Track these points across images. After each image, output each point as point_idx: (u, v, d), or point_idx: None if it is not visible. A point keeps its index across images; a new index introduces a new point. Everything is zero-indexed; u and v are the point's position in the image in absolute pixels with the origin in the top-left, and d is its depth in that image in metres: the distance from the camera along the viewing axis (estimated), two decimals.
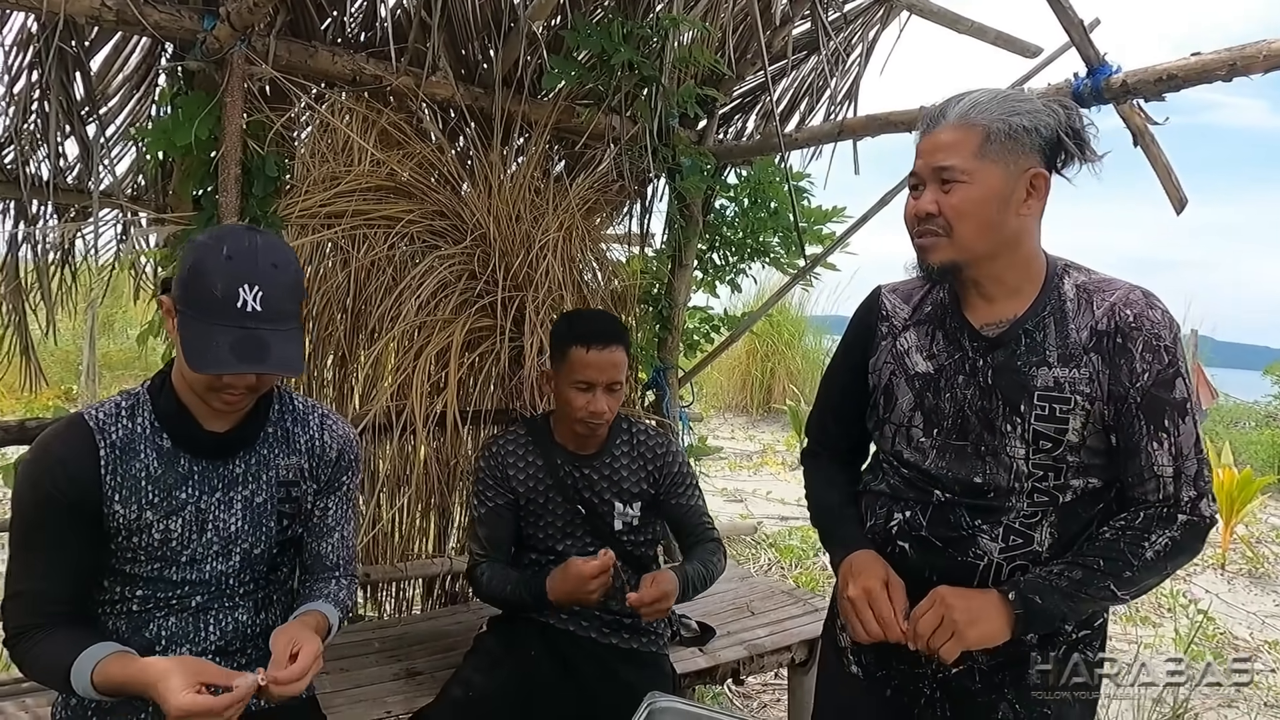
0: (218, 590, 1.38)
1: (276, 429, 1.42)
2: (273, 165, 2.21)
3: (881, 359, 1.37)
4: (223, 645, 1.38)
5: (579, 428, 1.88)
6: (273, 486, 1.39)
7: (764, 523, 5.85)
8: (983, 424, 1.25)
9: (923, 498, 1.30)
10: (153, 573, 1.33)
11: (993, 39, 2.90)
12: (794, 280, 3.20)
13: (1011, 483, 1.23)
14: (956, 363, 1.28)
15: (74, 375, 8.12)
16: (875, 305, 1.42)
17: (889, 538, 1.32)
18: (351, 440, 1.50)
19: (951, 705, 1.31)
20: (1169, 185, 2.26)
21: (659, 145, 2.74)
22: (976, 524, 1.25)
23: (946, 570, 1.26)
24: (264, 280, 1.19)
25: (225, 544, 1.36)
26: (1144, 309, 1.21)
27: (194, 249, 1.23)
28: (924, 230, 1.25)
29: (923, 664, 1.31)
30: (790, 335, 10.65)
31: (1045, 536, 1.23)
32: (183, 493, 1.32)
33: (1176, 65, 1.81)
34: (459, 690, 1.79)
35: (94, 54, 2.33)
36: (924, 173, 1.24)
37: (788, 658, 2.56)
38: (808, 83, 3.08)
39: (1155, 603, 4.77)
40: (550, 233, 2.70)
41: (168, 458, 1.32)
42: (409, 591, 2.84)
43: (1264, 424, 10.41)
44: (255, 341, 1.18)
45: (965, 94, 1.24)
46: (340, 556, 1.50)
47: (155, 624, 1.35)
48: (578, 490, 1.94)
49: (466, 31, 2.51)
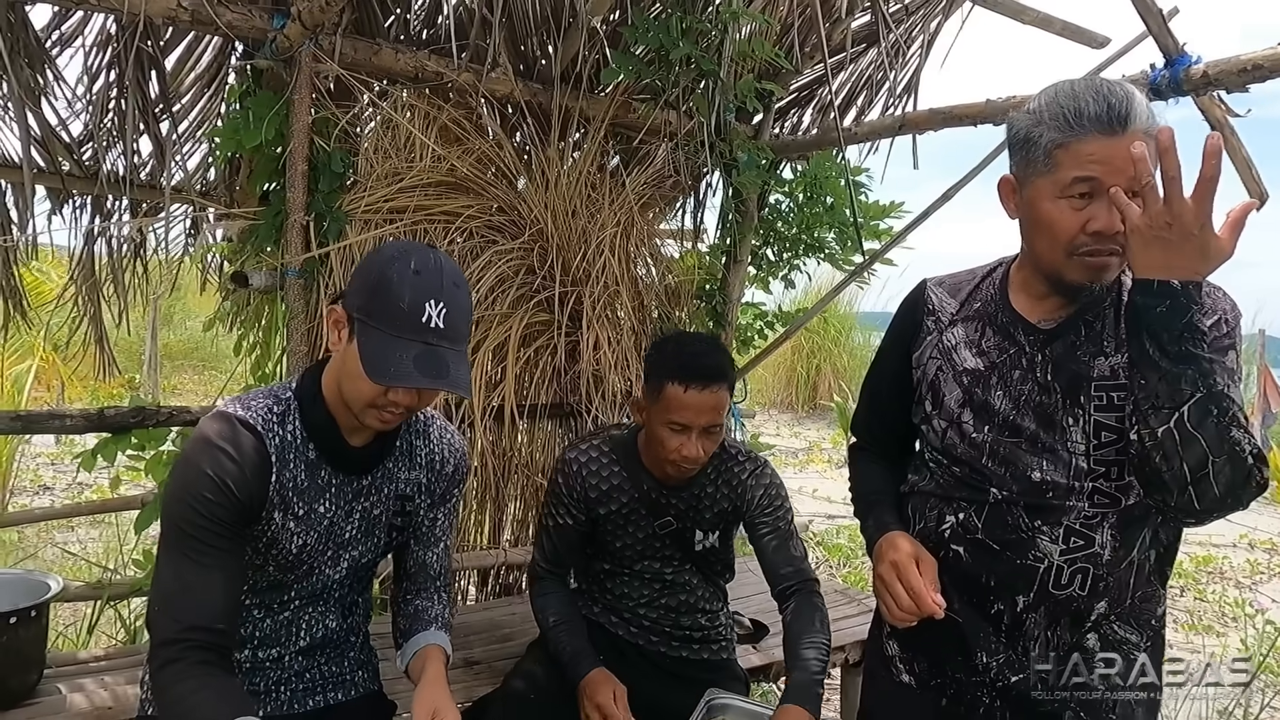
0: (319, 594, 1.38)
1: (403, 442, 1.41)
2: (338, 161, 2.25)
3: (927, 354, 1.34)
4: (308, 648, 1.41)
5: (670, 469, 1.72)
6: (390, 500, 1.39)
7: (812, 521, 5.81)
8: (1040, 419, 1.21)
9: (976, 497, 1.26)
10: (274, 580, 1.33)
11: (1059, 30, 2.82)
12: (852, 275, 3.17)
13: (1071, 481, 1.19)
14: (1012, 358, 1.25)
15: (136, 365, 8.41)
16: (921, 299, 1.38)
17: (942, 541, 1.29)
18: (463, 452, 1.49)
19: (1012, 714, 1.27)
20: (1249, 180, 2.18)
21: (715, 140, 2.73)
22: (1036, 525, 1.21)
23: (1005, 574, 1.23)
24: (448, 298, 1.18)
25: (338, 550, 1.36)
26: (1210, 290, 1.17)
27: (379, 262, 1.21)
28: (1099, 249, 1.12)
29: (980, 670, 1.27)
30: (837, 332, 10.55)
31: (1107, 539, 1.19)
32: (321, 506, 1.31)
33: (1263, 55, 1.75)
34: (521, 683, 1.80)
35: (168, 53, 2.40)
36: (1111, 180, 1.08)
37: (840, 657, 2.53)
38: (866, 75, 3.04)
39: (1219, 611, 4.63)
40: (606, 228, 2.70)
41: (312, 470, 1.29)
42: (464, 582, 2.88)
43: None
44: (437, 358, 1.17)
45: (1128, 91, 1.11)
46: (444, 566, 1.51)
47: (252, 623, 1.36)
48: (664, 515, 1.84)
49: (526, 27, 2.52)
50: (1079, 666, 1.24)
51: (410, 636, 1.45)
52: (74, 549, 3.99)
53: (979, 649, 1.26)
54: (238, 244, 2.50)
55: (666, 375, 1.64)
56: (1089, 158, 1.09)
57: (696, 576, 1.93)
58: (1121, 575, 1.21)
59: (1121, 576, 1.21)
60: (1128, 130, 1.07)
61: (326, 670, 1.44)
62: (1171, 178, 0.99)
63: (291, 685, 1.40)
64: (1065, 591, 1.21)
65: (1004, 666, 1.25)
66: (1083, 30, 2.82)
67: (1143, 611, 1.24)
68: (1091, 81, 1.13)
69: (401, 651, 1.46)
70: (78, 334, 3.01)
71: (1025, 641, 1.24)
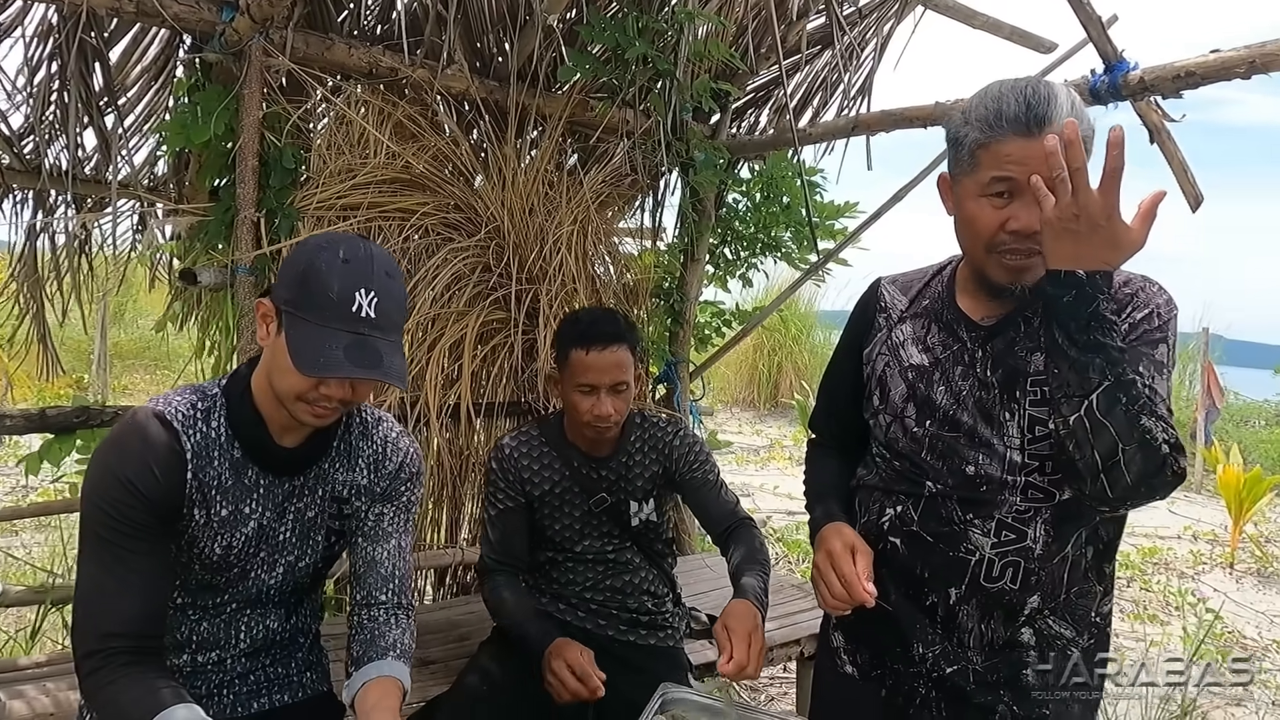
0: (257, 598, 1.35)
1: (341, 444, 1.36)
2: (290, 157, 2.22)
3: (876, 350, 1.36)
4: (251, 650, 1.38)
5: (588, 431, 1.84)
6: (325, 501, 1.35)
7: (771, 517, 5.87)
8: (979, 414, 1.24)
9: (914, 490, 1.28)
10: (202, 581, 1.29)
11: (1008, 34, 2.90)
12: (806, 275, 3.21)
13: (1005, 475, 1.21)
14: (955, 354, 1.27)
15: (85, 364, 8.19)
16: (874, 297, 1.41)
17: (881, 534, 1.31)
18: (414, 455, 1.44)
19: (947, 705, 1.29)
20: (1184, 182, 2.26)
21: (672, 139, 2.75)
22: (968, 518, 1.23)
23: (938, 566, 1.25)
24: (379, 287, 1.16)
25: (272, 554, 1.32)
26: (1144, 285, 1.21)
27: (307, 252, 1.18)
28: (1018, 248, 1.14)
29: (916, 662, 1.30)
30: (798, 330, 10.65)
31: (1039, 533, 1.21)
32: (248, 506, 1.27)
33: (1196, 62, 1.81)
34: (474, 679, 1.80)
35: (113, 45, 2.35)
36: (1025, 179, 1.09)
37: (796, 651, 2.56)
38: (821, 77, 3.09)
39: (1163, 601, 4.77)
40: (564, 226, 2.71)
41: (237, 468, 1.25)
42: (421, 582, 2.87)
43: (1274, 422, 10.38)
44: (369, 348, 1.14)
45: (1052, 91, 1.11)
46: (396, 568, 1.41)
47: (188, 627, 1.32)
48: (597, 490, 1.92)
49: (482, 24, 2.52)
50: (1014, 661, 1.26)
51: (361, 665, 1.34)
52: (18, 553, 3.88)
53: (916, 640, 1.28)
54: (187, 241, 2.46)
55: (570, 343, 1.79)
56: (1007, 158, 1.11)
57: (639, 556, 1.97)
58: (1054, 570, 1.22)
59: (1054, 571, 1.22)
60: (1045, 131, 1.08)
61: (272, 672, 1.41)
62: (1076, 169, 1.02)
63: (235, 688, 1.37)
64: (997, 584, 1.22)
65: (940, 658, 1.27)
66: (1030, 35, 2.90)
67: (1079, 607, 1.25)
68: (1018, 82, 1.14)
69: (349, 683, 1.34)
70: (20, 333, 2.92)
71: (960, 634, 1.26)
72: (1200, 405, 8.14)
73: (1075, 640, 1.26)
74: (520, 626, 1.79)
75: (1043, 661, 1.25)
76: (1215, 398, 8.20)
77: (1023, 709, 1.25)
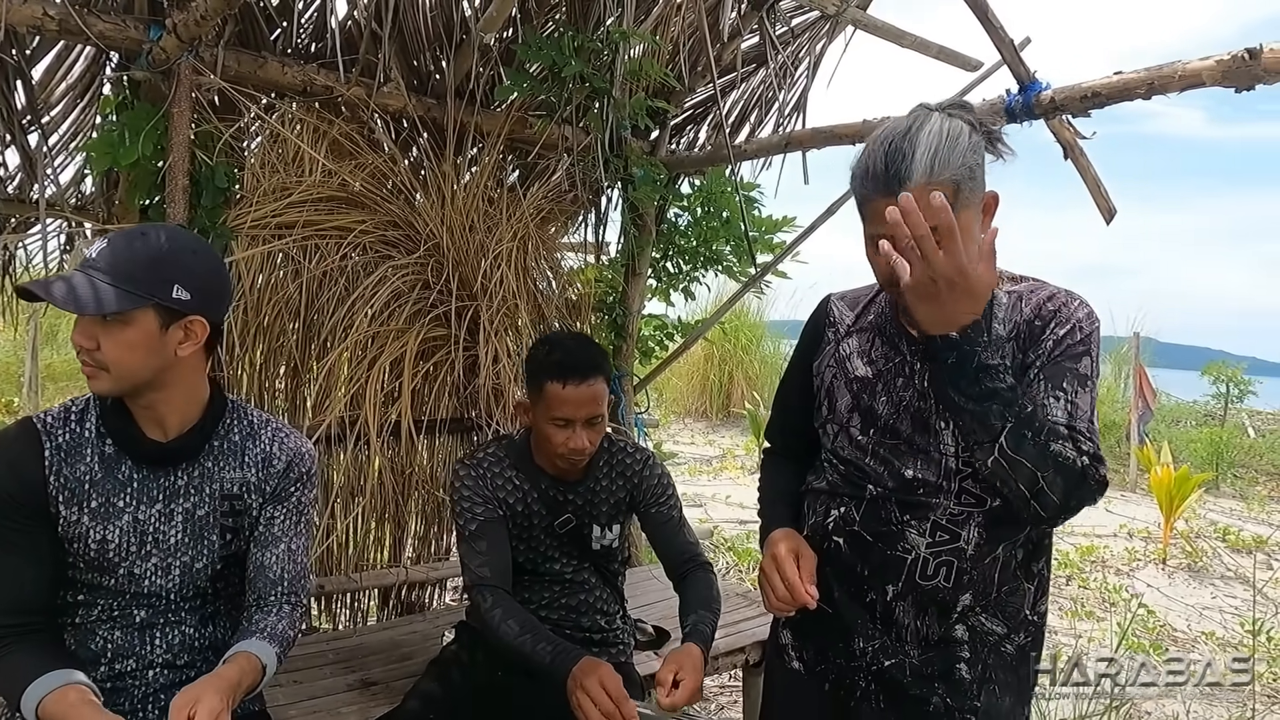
0: (159, 604, 1.36)
1: (224, 442, 1.40)
2: (222, 176, 2.20)
3: (825, 362, 1.42)
4: (170, 659, 1.37)
5: (560, 462, 1.80)
6: (215, 499, 1.38)
7: (722, 527, 5.91)
8: (916, 424, 1.30)
9: (857, 493, 1.34)
10: (91, 581, 1.33)
11: (935, 53, 3.00)
12: (745, 288, 3.27)
13: (940, 480, 1.28)
14: (896, 366, 1.33)
15: (15, 387, 7.90)
16: (825, 312, 1.47)
17: (826, 534, 1.37)
18: (304, 454, 1.46)
19: (886, 697, 1.34)
20: (1098, 197, 2.37)
21: (611, 156, 2.78)
22: (906, 519, 1.29)
23: (877, 564, 1.31)
24: (115, 242, 1.24)
25: (165, 557, 1.34)
26: (1067, 301, 1.27)
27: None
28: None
29: (857, 656, 1.35)
30: (748, 340, 10.77)
31: (972, 535, 1.27)
32: (120, 500, 1.32)
33: (1100, 84, 1.90)
34: (417, 702, 1.78)
35: (35, 63, 2.29)
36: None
37: (742, 659, 2.60)
38: (757, 95, 3.15)
39: (1100, 598, 4.93)
40: (504, 242, 2.72)
41: (109, 463, 1.32)
42: (364, 602, 2.83)
43: (1203, 423, 10.81)
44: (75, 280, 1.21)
45: (914, 146, 1.16)
46: (286, 571, 1.43)
47: (100, 637, 1.34)
48: (563, 513, 1.89)
49: (418, 43, 2.52)
50: (948, 656, 1.31)
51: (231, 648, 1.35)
52: None
53: (857, 635, 1.34)
54: None
55: (545, 375, 1.72)
56: (876, 215, 1.17)
57: (595, 576, 1.97)
58: (985, 570, 1.28)
59: (985, 571, 1.28)
60: (905, 188, 1.13)
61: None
62: (921, 235, 1.08)
63: (158, 701, 1.36)
64: (931, 582, 1.28)
65: (879, 652, 1.33)
66: (957, 54, 3.00)
67: (1010, 605, 1.31)
68: (889, 137, 1.19)
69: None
70: None
71: (897, 629, 1.31)
72: (1134, 407, 8.43)
73: (1008, 637, 1.32)
74: (533, 650, 1.63)
75: (975, 657, 1.30)
76: (1148, 399, 8.51)
77: (956, 701, 1.31)
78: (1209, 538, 6.31)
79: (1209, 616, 4.75)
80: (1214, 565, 5.72)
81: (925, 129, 1.18)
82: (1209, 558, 5.83)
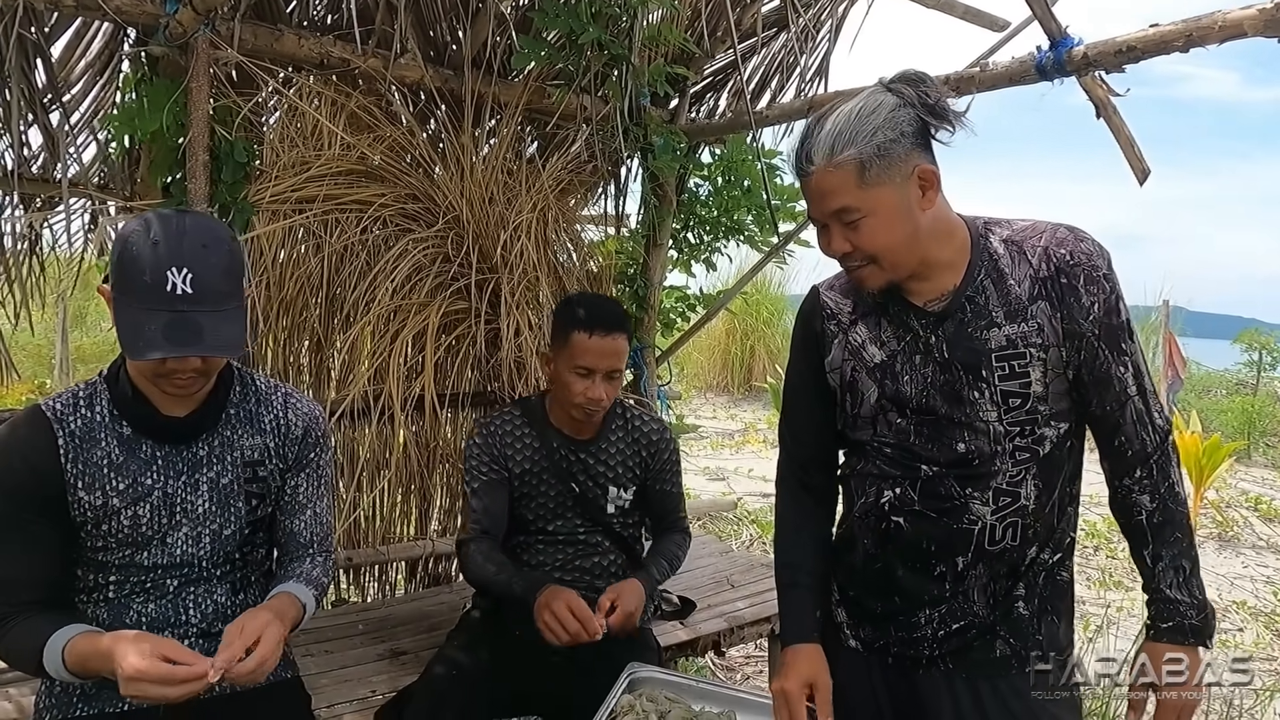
0: (192, 573, 1.39)
1: (239, 410, 1.42)
2: (241, 151, 2.20)
3: (838, 356, 1.38)
4: (204, 627, 1.40)
5: (575, 413, 1.87)
6: (238, 467, 1.40)
7: (746, 499, 5.92)
8: (948, 397, 1.27)
9: (910, 473, 1.32)
10: (124, 559, 1.34)
11: (961, 13, 2.92)
12: (767, 258, 3.23)
13: (993, 447, 1.26)
14: (910, 344, 1.30)
15: (47, 369, 8.03)
16: (815, 307, 1.42)
17: (882, 514, 1.35)
18: (317, 417, 1.50)
19: (953, 658, 1.34)
20: (1131, 156, 2.29)
21: (630, 125, 2.75)
22: (967, 491, 1.28)
23: (944, 539, 1.30)
24: (193, 262, 1.18)
25: (194, 526, 1.37)
26: (1074, 244, 1.25)
27: (121, 237, 1.22)
28: (849, 265, 1.27)
29: (921, 626, 1.35)
30: (770, 314, 10.71)
31: (1030, 490, 1.27)
32: (148, 478, 1.33)
33: (1136, 37, 1.84)
34: (442, 668, 1.81)
35: (55, 40, 2.29)
36: (822, 218, 1.25)
37: (768, 629, 2.60)
38: (778, 60, 3.09)
39: (1128, 568, 4.89)
40: (524, 214, 2.70)
41: (129, 445, 1.32)
42: (392, 574, 2.86)
43: (1234, 392, 10.62)
44: (187, 324, 1.17)
45: (817, 128, 1.21)
46: (314, 534, 1.50)
47: (134, 610, 1.36)
48: (572, 473, 1.95)
49: (434, 12, 2.49)
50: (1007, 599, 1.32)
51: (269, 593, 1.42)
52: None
53: (923, 609, 1.33)
54: None
55: (573, 325, 1.81)
56: (807, 196, 1.27)
57: (609, 539, 2.01)
58: (1046, 517, 1.30)
59: (1046, 519, 1.30)
60: (812, 171, 1.21)
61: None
62: None
63: None
64: (999, 545, 1.29)
65: (945, 617, 1.33)
66: (983, 13, 2.92)
67: (1057, 532, 1.34)
68: (809, 121, 1.25)
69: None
70: None
71: (965, 594, 1.32)
72: (1163, 377, 8.30)
73: (1061, 562, 1.35)
74: (508, 583, 1.80)
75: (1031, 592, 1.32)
76: (1178, 368, 8.36)
77: (1019, 641, 1.33)
78: (1240, 507, 6.23)
79: (1240, 586, 4.69)
80: (1245, 534, 5.65)
81: (843, 107, 1.21)
82: (1240, 527, 5.76)
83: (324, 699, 1.91)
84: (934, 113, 1.21)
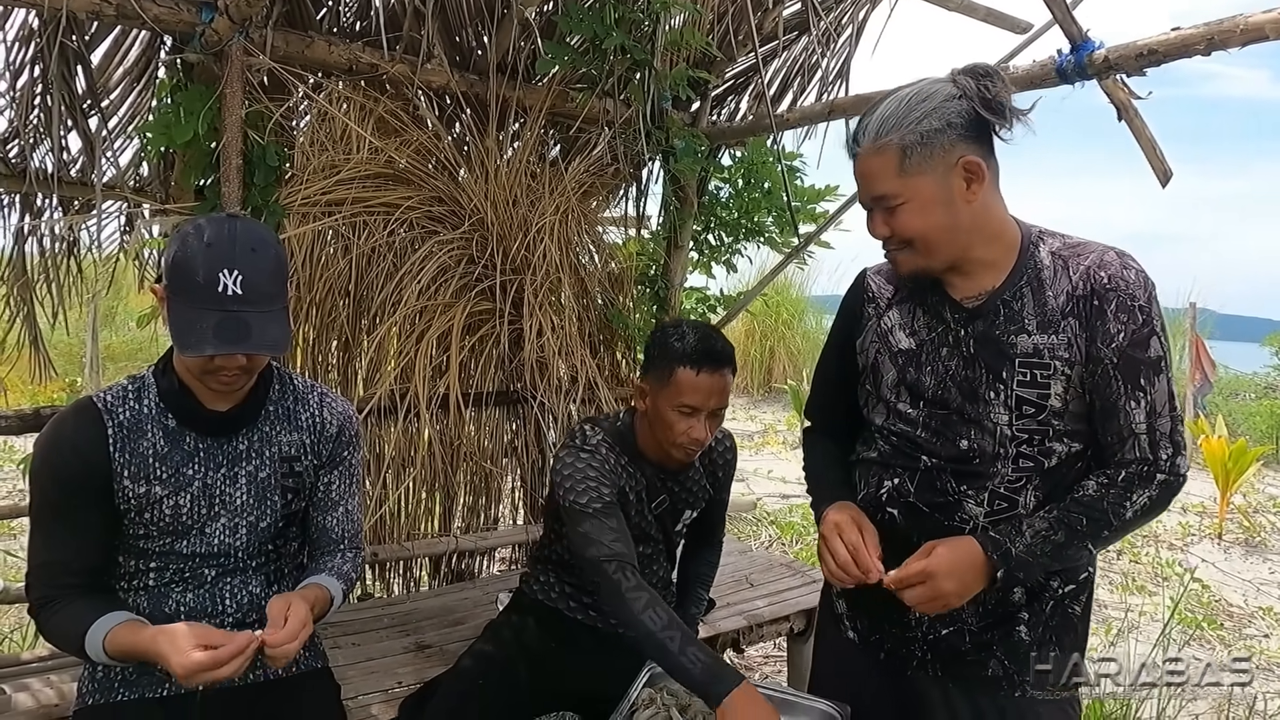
0: (229, 563, 1.44)
1: (278, 407, 1.48)
2: (273, 155, 2.25)
3: (868, 339, 1.41)
4: (239, 617, 1.45)
5: (676, 453, 1.73)
6: (275, 462, 1.46)
7: (765, 501, 5.92)
8: (964, 393, 1.29)
9: (910, 464, 1.34)
10: (164, 547, 1.40)
11: (983, 16, 2.92)
12: (787, 259, 3.25)
13: (996, 449, 1.27)
14: (940, 336, 1.32)
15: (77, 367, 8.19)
16: (862, 287, 1.46)
17: (879, 505, 1.37)
18: (351, 417, 1.56)
19: (942, 665, 1.35)
20: (1153, 158, 2.29)
21: (652, 128, 2.78)
22: (962, 489, 1.29)
23: (933, 535, 1.30)
24: (243, 264, 1.24)
25: (232, 517, 1.43)
26: (1118, 270, 1.24)
27: (178, 238, 1.28)
28: (887, 248, 1.30)
29: (912, 627, 1.36)
30: (790, 315, 10.69)
31: (1029, 500, 1.27)
32: (189, 469, 1.39)
33: (1157, 40, 1.84)
34: (470, 662, 1.83)
35: (94, 48, 2.37)
36: (864, 200, 1.28)
37: (786, 627, 2.62)
38: (799, 63, 3.11)
39: (1152, 572, 4.84)
40: (547, 216, 2.74)
41: (173, 437, 1.39)
42: (416, 570, 2.91)
43: (1263, 395, 10.46)
44: (237, 323, 1.24)
45: (872, 111, 1.24)
46: (345, 530, 1.55)
47: (174, 599, 1.42)
48: (659, 501, 1.87)
49: (460, 18, 2.54)
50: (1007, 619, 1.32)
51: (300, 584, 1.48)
52: (18, 553, 3.92)
53: (911, 609, 1.32)
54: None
55: (677, 360, 1.66)
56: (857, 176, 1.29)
57: (666, 553, 1.98)
58: None
59: None
60: (860, 151, 1.25)
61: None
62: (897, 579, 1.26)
63: None
64: None
65: (935, 620, 1.34)
66: (1005, 16, 2.92)
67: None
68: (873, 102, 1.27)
69: None
70: (11, 336, 2.95)
71: None
72: (1191, 380, 8.20)
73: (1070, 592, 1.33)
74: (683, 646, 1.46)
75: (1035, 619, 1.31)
76: (1207, 371, 8.26)
77: (1013, 664, 1.32)
78: (1268, 512, 6.14)
79: (1266, 591, 4.64)
80: (1272, 540, 5.57)
81: (900, 91, 1.24)
82: (1267, 532, 5.68)
83: (352, 689, 1.96)
84: (990, 108, 1.20)
